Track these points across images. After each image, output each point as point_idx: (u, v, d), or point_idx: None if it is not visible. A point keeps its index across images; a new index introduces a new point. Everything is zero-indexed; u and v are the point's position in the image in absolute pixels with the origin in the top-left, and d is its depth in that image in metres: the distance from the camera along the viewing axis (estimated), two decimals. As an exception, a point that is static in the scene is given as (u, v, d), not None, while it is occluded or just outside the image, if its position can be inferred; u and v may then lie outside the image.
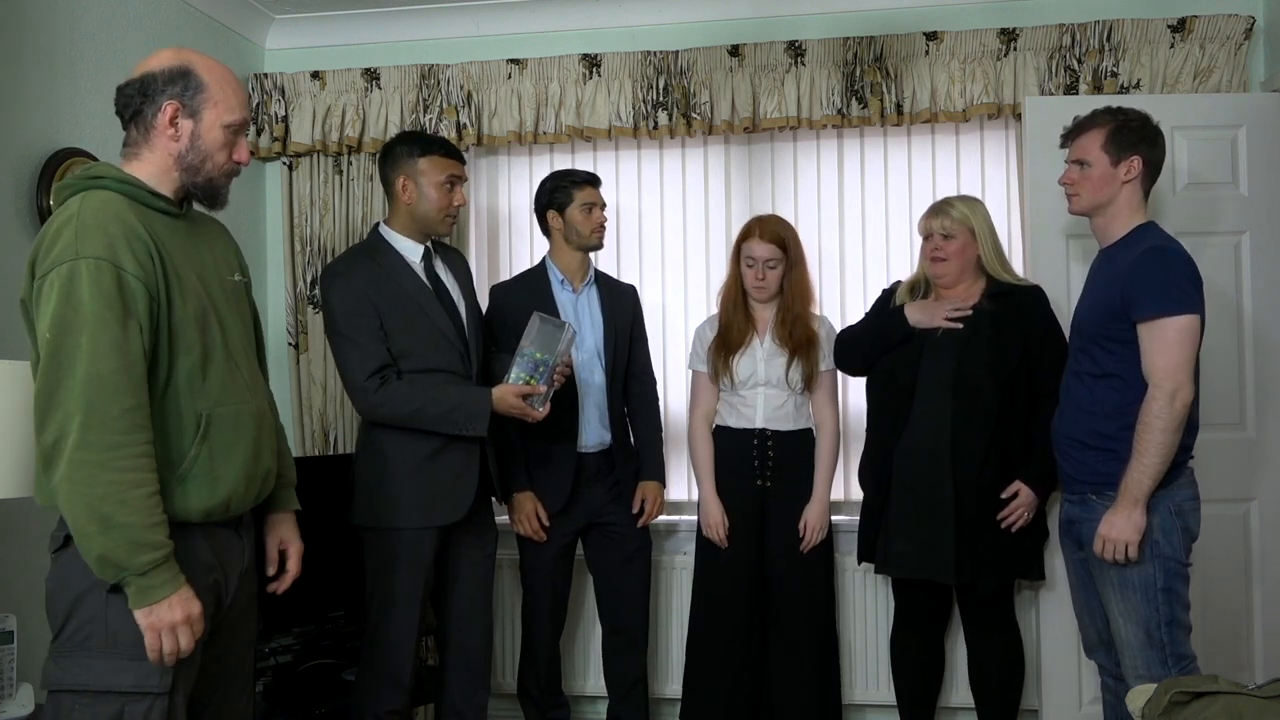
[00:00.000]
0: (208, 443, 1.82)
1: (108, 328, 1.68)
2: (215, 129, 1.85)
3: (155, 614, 1.70)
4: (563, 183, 3.04)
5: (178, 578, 1.73)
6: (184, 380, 1.80)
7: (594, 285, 3.12)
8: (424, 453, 2.64)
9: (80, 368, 1.66)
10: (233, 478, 1.86)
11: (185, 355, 1.80)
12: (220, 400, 1.85)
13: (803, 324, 3.01)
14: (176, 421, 1.80)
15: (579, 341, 2.99)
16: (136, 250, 1.73)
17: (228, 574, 1.91)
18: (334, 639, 3.09)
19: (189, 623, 1.73)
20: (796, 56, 3.42)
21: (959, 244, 2.82)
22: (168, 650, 1.72)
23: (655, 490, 3.10)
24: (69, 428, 1.66)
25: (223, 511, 1.87)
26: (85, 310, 1.67)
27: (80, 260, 1.68)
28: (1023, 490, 2.77)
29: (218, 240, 2.01)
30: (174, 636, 1.72)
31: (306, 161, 3.70)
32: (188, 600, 1.73)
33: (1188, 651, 2.42)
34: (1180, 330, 2.34)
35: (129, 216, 1.76)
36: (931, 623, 3.06)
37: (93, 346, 1.67)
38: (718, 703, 3.04)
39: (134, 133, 1.86)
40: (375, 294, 2.64)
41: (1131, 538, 2.36)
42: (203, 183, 1.88)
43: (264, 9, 3.65)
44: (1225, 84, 3.20)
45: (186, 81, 1.83)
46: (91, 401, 1.66)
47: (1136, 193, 2.51)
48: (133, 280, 1.71)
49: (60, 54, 2.83)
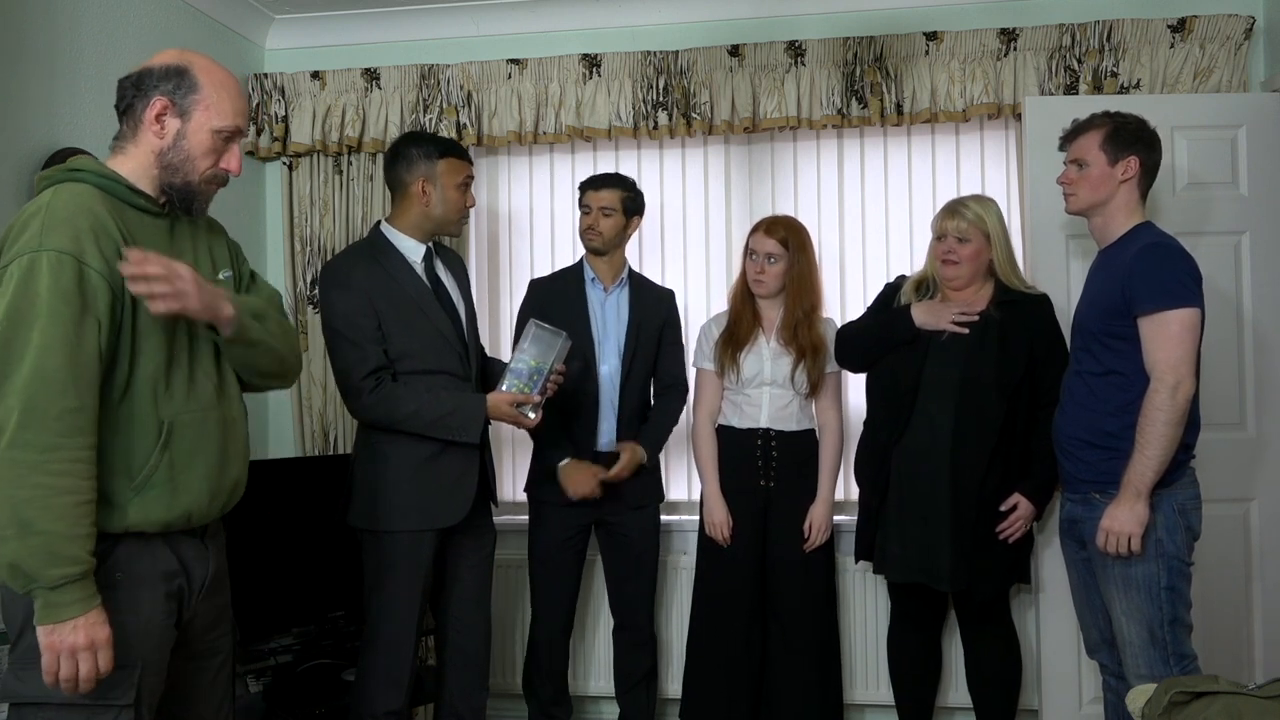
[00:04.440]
0: (169, 451, 1.74)
1: (61, 323, 1.61)
2: (203, 132, 1.79)
3: (57, 634, 1.59)
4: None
5: (91, 599, 1.62)
6: (146, 385, 1.72)
7: (626, 286, 3.13)
8: (423, 455, 2.64)
9: (26, 362, 1.59)
10: (195, 488, 1.78)
11: (148, 359, 1.73)
12: (184, 407, 1.77)
13: (808, 327, 3.01)
14: (137, 427, 1.72)
15: (601, 340, 3.03)
16: (104, 246, 1.67)
17: (191, 580, 1.82)
18: (334, 639, 3.09)
19: (92, 649, 1.60)
20: (796, 56, 3.42)
21: (973, 248, 2.79)
22: (64, 676, 1.60)
23: (633, 449, 3.00)
24: (7, 423, 1.58)
25: (183, 523, 1.78)
26: (40, 304, 1.60)
27: (42, 253, 1.62)
28: (1021, 503, 2.76)
29: (204, 239, 1.93)
30: (73, 662, 1.59)
31: (306, 161, 3.70)
32: (95, 625, 1.61)
33: (1189, 651, 2.43)
34: (1181, 324, 2.35)
35: (101, 211, 1.70)
36: (928, 624, 3.05)
37: (42, 341, 1.59)
38: (718, 702, 3.04)
39: (124, 127, 1.82)
40: (375, 294, 2.63)
41: (1134, 530, 2.37)
42: (180, 184, 1.81)
43: (264, 9, 3.65)
44: (1225, 84, 3.20)
45: (181, 80, 1.78)
46: (33, 398, 1.58)
47: (1134, 193, 2.52)
48: (95, 276, 1.65)
49: (60, 54, 2.83)
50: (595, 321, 3.07)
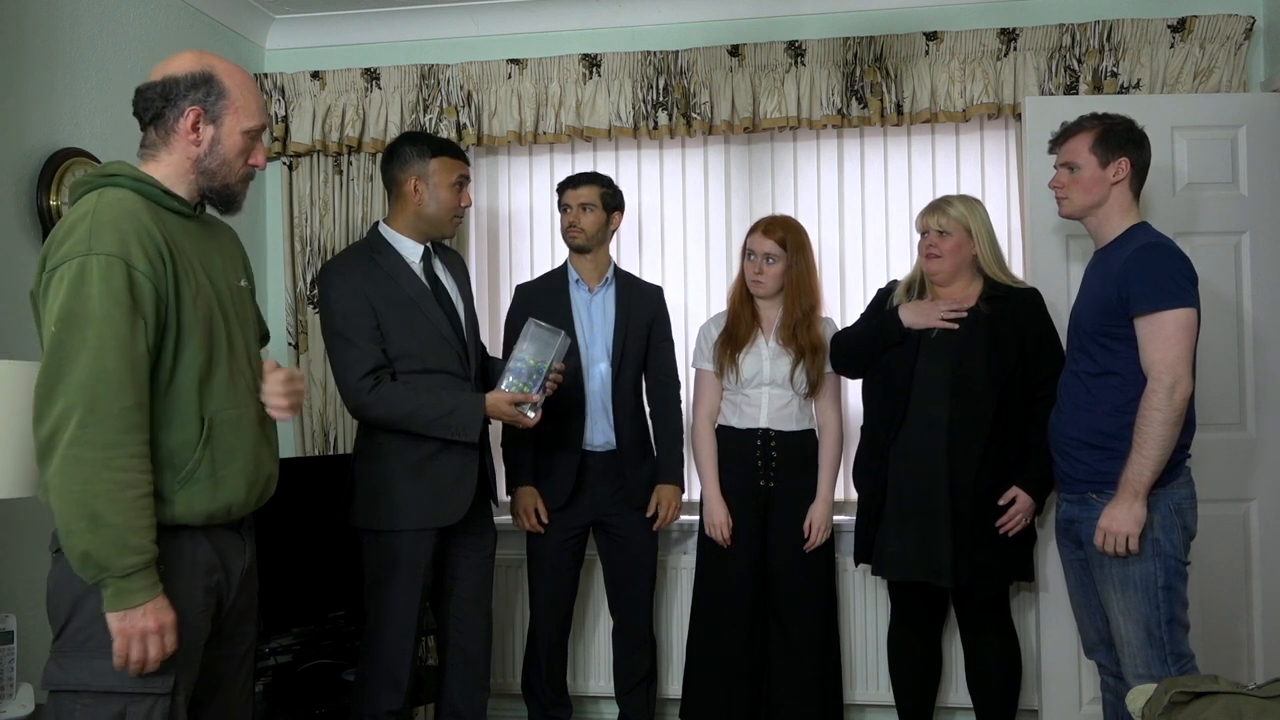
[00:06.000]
0: (210, 447, 1.81)
1: (115, 324, 1.67)
2: (235, 135, 1.87)
3: (129, 619, 1.67)
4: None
5: (156, 585, 1.71)
6: (188, 383, 1.79)
7: (611, 285, 3.13)
8: (423, 455, 2.64)
9: (84, 362, 1.65)
10: (234, 482, 1.85)
11: (191, 358, 1.79)
12: (225, 404, 1.84)
13: (807, 327, 3.01)
14: (180, 424, 1.78)
15: (588, 341, 3.02)
16: (148, 249, 1.73)
17: (230, 575, 1.90)
18: (334, 639, 3.09)
19: (161, 632, 1.70)
20: (796, 56, 3.42)
21: (954, 242, 2.83)
22: (134, 659, 1.69)
23: (671, 494, 3.10)
24: (67, 422, 1.64)
25: (224, 515, 1.86)
26: (93, 305, 1.66)
27: (92, 256, 1.67)
28: (1020, 496, 2.77)
29: (227, 244, 2.01)
30: (143, 645, 1.68)
31: (306, 161, 3.70)
32: (161, 610, 1.71)
33: (1187, 650, 2.43)
34: (1177, 323, 2.36)
35: (143, 215, 1.76)
36: (928, 623, 3.06)
37: (99, 342, 1.66)
38: (718, 702, 3.04)
39: (153, 135, 1.86)
40: (374, 294, 2.64)
41: (1132, 530, 2.37)
42: (219, 187, 1.89)
43: (264, 9, 3.65)
44: (1225, 84, 3.20)
45: (210, 87, 1.84)
46: (93, 397, 1.65)
47: (1126, 194, 2.53)
48: (142, 279, 1.71)
49: (60, 54, 2.83)
50: (581, 323, 3.07)
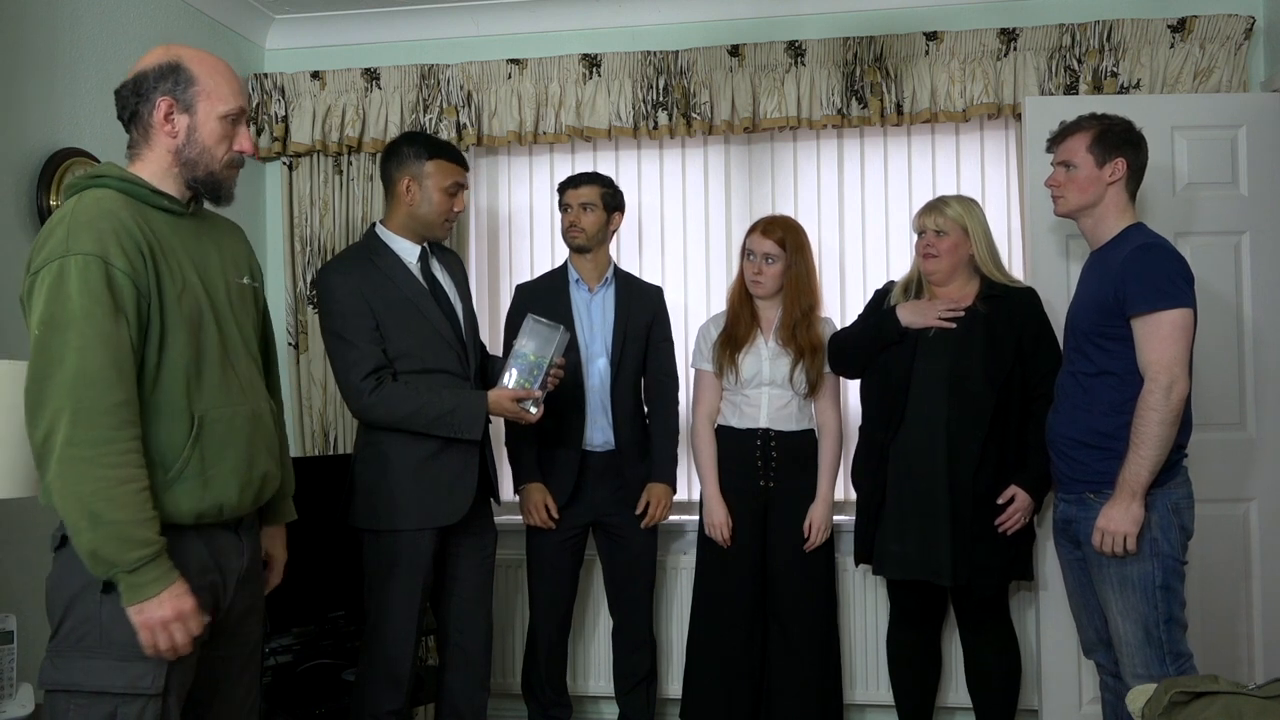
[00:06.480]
0: (200, 445, 1.80)
1: (96, 323, 1.67)
2: (211, 121, 1.84)
3: (146, 611, 1.68)
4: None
5: (170, 574, 1.71)
6: (175, 381, 1.78)
7: (611, 285, 3.13)
8: (423, 454, 2.64)
9: (68, 363, 1.65)
10: (225, 481, 1.84)
11: (177, 355, 1.78)
12: (216, 403, 1.83)
13: (806, 327, 3.01)
14: (168, 422, 1.78)
15: (588, 341, 3.02)
16: (127, 247, 1.72)
17: (225, 576, 1.89)
18: (334, 639, 3.09)
19: (181, 619, 1.70)
20: (796, 56, 3.42)
21: (951, 241, 2.83)
22: (164, 647, 1.70)
23: (661, 493, 3.10)
24: (58, 424, 1.64)
25: (215, 515, 1.84)
26: (74, 306, 1.66)
27: (70, 257, 1.67)
28: (1019, 494, 2.77)
29: (229, 242, 1.99)
30: (168, 633, 1.70)
31: (306, 161, 3.70)
32: (179, 597, 1.71)
33: (1185, 650, 2.44)
34: (1174, 323, 2.36)
35: (123, 213, 1.75)
36: (927, 623, 3.06)
37: (81, 342, 1.65)
38: (718, 702, 3.04)
39: (135, 134, 1.86)
40: (371, 295, 2.63)
41: (1130, 530, 2.38)
42: (204, 176, 1.86)
43: (264, 9, 3.65)
44: (1225, 84, 3.20)
45: (177, 76, 1.82)
46: (80, 397, 1.64)
47: (1122, 194, 2.54)
48: (121, 276, 1.70)
49: (60, 54, 2.83)
50: (581, 322, 3.07)
